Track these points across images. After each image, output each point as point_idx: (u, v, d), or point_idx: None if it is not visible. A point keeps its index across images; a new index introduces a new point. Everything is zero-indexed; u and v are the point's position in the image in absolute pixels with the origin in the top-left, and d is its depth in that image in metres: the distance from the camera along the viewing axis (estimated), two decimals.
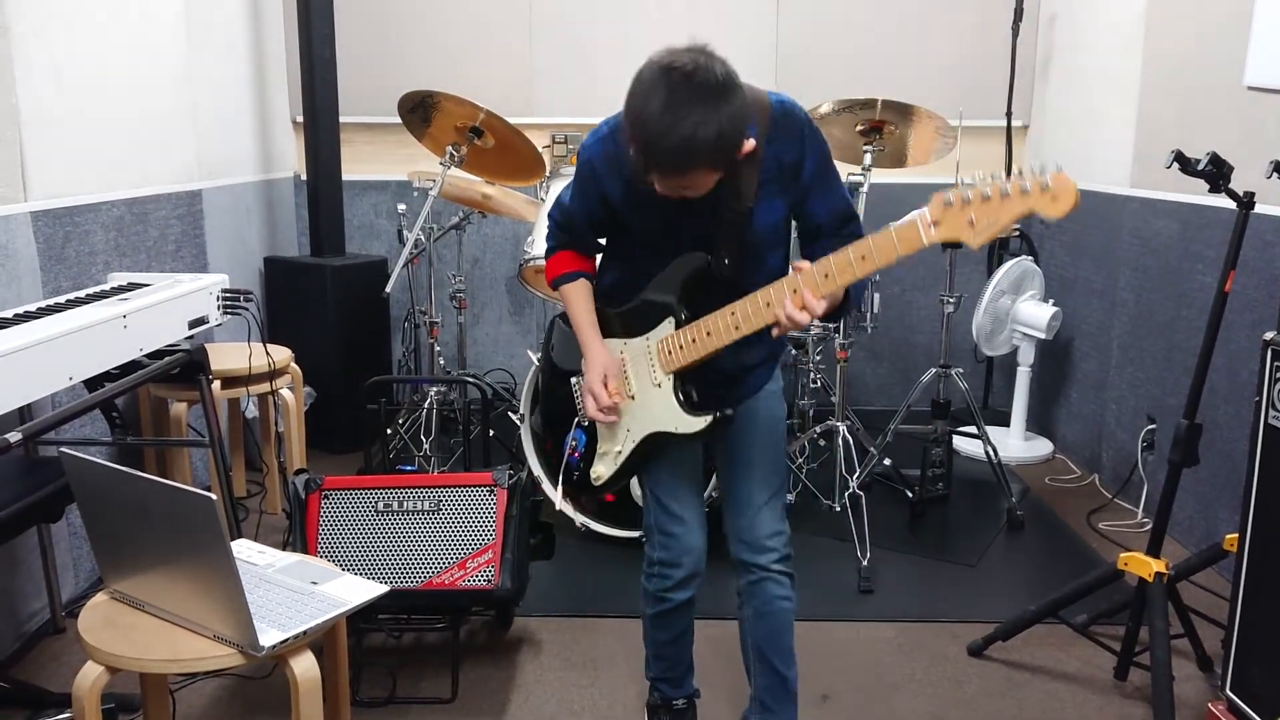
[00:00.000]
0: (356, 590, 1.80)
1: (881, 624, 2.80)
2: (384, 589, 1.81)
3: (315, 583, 1.82)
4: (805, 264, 1.70)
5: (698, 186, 1.68)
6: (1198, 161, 2.24)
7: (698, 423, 1.86)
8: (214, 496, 1.50)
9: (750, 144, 1.68)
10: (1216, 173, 2.23)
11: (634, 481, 3.07)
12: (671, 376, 1.87)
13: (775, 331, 1.75)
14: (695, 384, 1.89)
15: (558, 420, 2.10)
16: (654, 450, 1.94)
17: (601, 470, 2.00)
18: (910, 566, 3.16)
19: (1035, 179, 1.48)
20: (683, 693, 2.23)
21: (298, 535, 2.47)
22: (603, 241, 2.02)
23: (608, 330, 1.95)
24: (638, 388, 1.91)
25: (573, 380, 2.03)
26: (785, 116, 1.78)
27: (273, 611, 1.71)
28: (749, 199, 1.78)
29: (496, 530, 2.46)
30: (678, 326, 1.85)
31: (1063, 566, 3.15)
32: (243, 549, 1.96)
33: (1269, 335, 2.09)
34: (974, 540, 3.36)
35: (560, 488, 2.07)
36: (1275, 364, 2.06)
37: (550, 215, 2.02)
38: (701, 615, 2.18)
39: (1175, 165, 2.27)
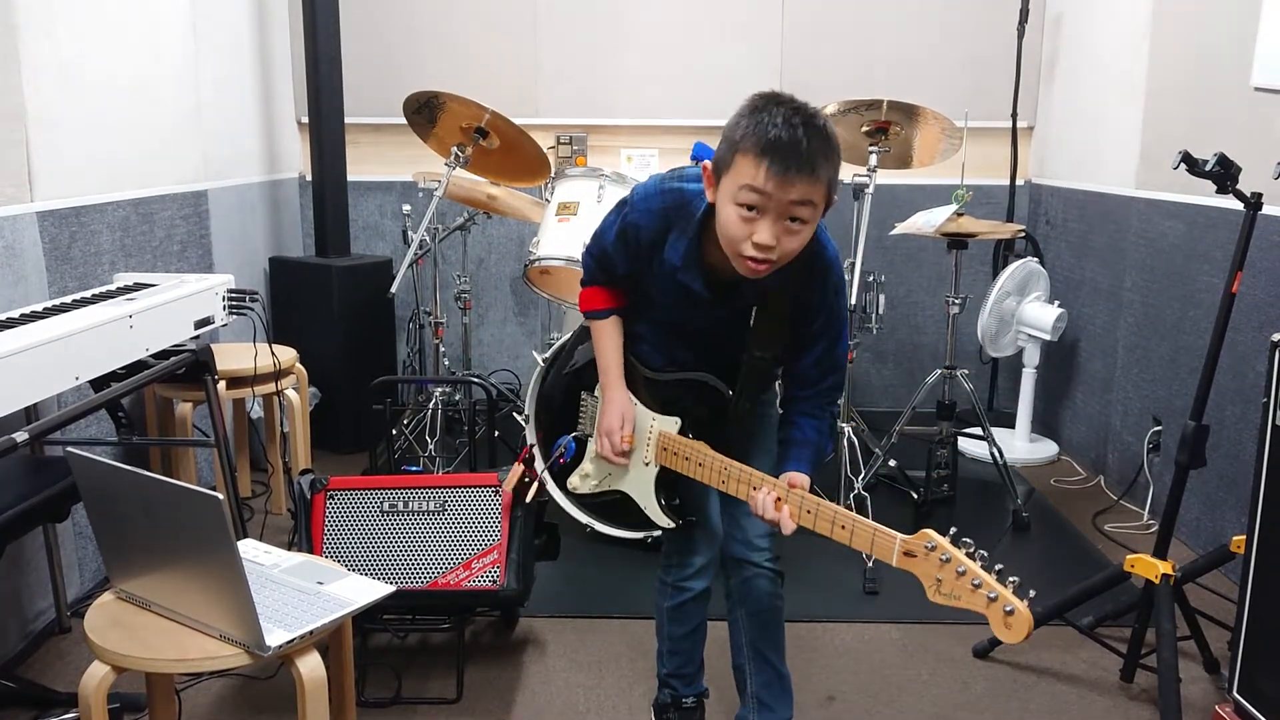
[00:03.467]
0: (362, 590, 1.80)
1: (887, 625, 2.79)
2: (390, 589, 1.81)
3: (321, 583, 1.82)
4: (801, 482, 1.72)
5: (802, 215, 1.60)
6: (1205, 162, 2.24)
7: (665, 521, 1.93)
8: (221, 496, 1.50)
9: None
10: (1224, 174, 2.23)
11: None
12: (659, 468, 1.91)
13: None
14: (676, 491, 1.94)
15: (555, 416, 2.14)
16: (625, 503, 1.98)
17: (578, 483, 2.06)
18: None
19: (1007, 597, 1.49)
20: (694, 690, 2.23)
21: (303, 535, 2.47)
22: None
23: (626, 378, 1.96)
24: (633, 449, 1.95)
25: (584, 396, 2.07)
26: (821, 272, 1.78)
27: (279, 611, 1.71)
28: (777, 347, 1.83)
29: (502, 531, 2.46)
30: (678, 432, 1.89)
31: (1068, 568, 3.14)
32: (248, 549, 1.96)
33: (1277, 336, 2.08)
34: (979, 542, 3.29)
35: (534, 488, 2.21)
36: None
37: (589, 251, 1.99)
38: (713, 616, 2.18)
39: (1183, 166, 2.27)
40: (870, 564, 3.03)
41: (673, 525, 1.93)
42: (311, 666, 1.67)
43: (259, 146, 4.26)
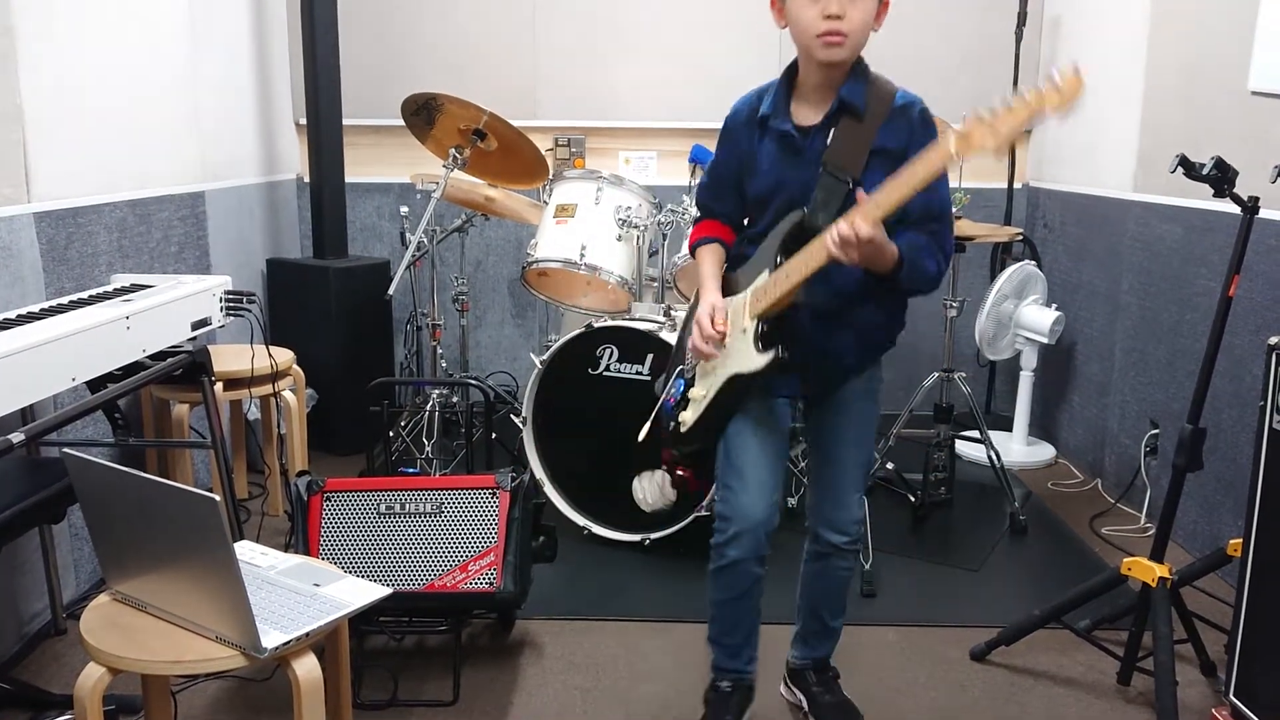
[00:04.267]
0: (359, 592, 1.80)
1: (884, 628, 2.79)
2: (386, 591, 1.81)
3: (318, 585, 1.82)
4: (861, 193, 1.80)
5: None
6: (1202, 166, 2.24)
7: (760, 359, 1.93)
8: (218, 498, 1.49)
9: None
10: (1221, 177, 2.23)
11: (637, 485, 3.10)
12: (755, 321, 1.96)
13: (838, 255, 1.78)
14: (780, 333, 1.96)
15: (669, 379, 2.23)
16: (734, 401, 2.03)
17: (688, 415, 2.10)
18: (913, 570, 3.16)
19: (1049, 81, 1.59)
20: (734, 666, 2.21)
21: (299, 537, 2.47)
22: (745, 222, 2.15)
23: (728, 289, 2.06)
24: (730, 336, 2.00)
25: (687, 340, 2.13)
26: (903, 109, 1.93)
27: (275, 613, 1.71)
28: (857, 169, 1.89)
29: (499, 533, 2.46)
30: (769, 275, 1.94)
31: (1066, 571, 3.14)
32: (245, 550, 1.96)
33: (1273, 340, 2.08)
34: (977, 544, 3.36)
35: (646, 427, 2.20)
36: (1279, 369, 2.06)
37: (701, 183, 2.21)
38: None
39: (1180, 170, 2.27)
40: (868, 566, 3.02)
41: (773, 356, 1.92)
42: (308, 668, 1.66)
43: (257, 148, 4.26)
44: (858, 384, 2.12)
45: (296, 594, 1.78)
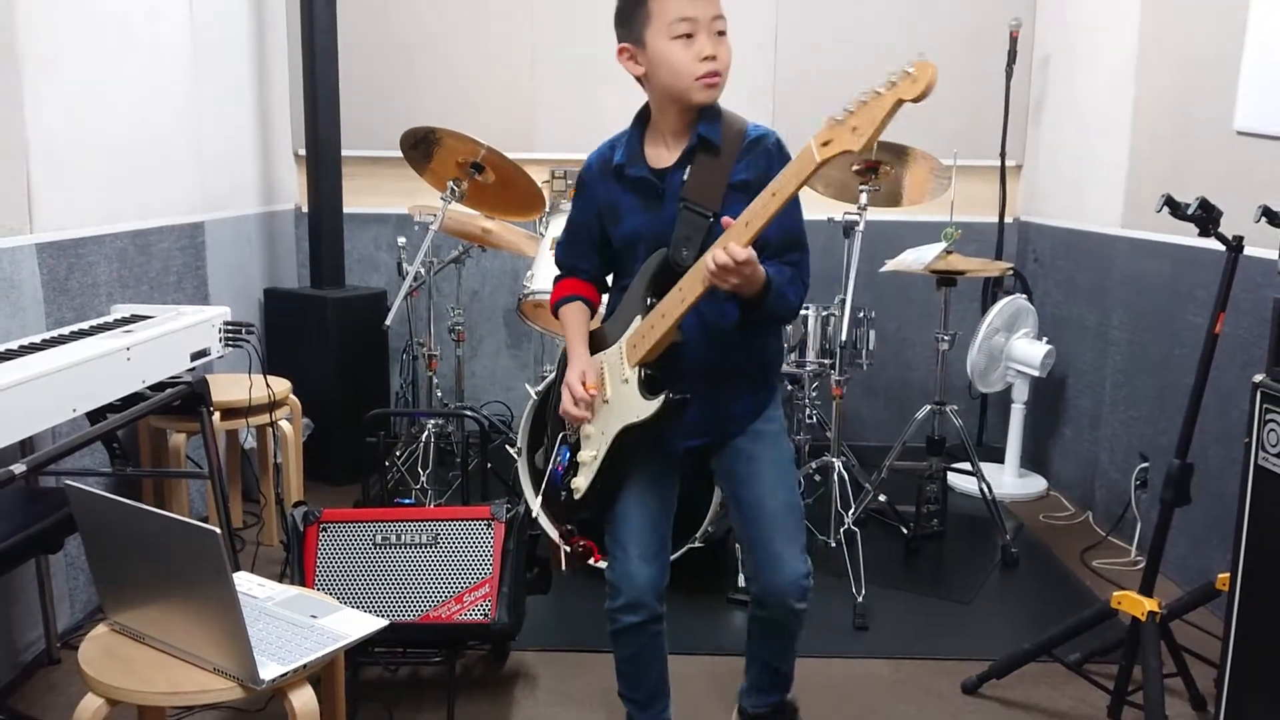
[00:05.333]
0: (356, 624, 1.81)
1: (877, 661, 2.81)
2: (383, 623, 1.83)
3: (315, 616, 1.83)
4: (728, 219, 1.78)
5: (722, 27, 1.86)
6: (1187, 206, 2.29)
7: (651, 405, 1.88)
8: (218, 531, 1.51)
9: None
10: (1206, 217, 2.27)
11: None
12: (637, 368, 1.92)
13: (716, 282, 1.76)
14: (657, 371, 1.93)
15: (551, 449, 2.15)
16: (627, 455, 1.98)
17: (579, 482, 2.03)
18: (905, 603, 3.17)
19: (899, 71, 1.59)
20: (649, 717, 2.22)
21: (295, 568, 2.48)
22: (609, 279, 2.13)
23: (596, 347, 2.03)
24: (610, 389, 1.97)
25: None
26: (758, 140, 1.93)
27: (272, 644, 1.72)
28: (716, 203, 1.88)
29: (494, 564, 2.48)
30: (642, 319, 1.92)
31: (1057, 604, 3.16)
32: (242, 581, 1.97)
33: (1258, 378, 2.12)
34: (969, 577, 3.38)
35: (539, 500, 2.15)
36: (1265, 406, 2.09)
37: (559, 241, 2.15)
38: (689, 650, 2.19)
39: (1165, 209, 2.32)
40: (860, 599, 3.04)
41: (664, 400, 1.87)
42: (304, 700, 1.68)
43: (256, 178, 4.30)
44: (759, 426, 2.05)
45: (294, 625, 1.80)
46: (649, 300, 1.90)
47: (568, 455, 2.07)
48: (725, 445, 2.05)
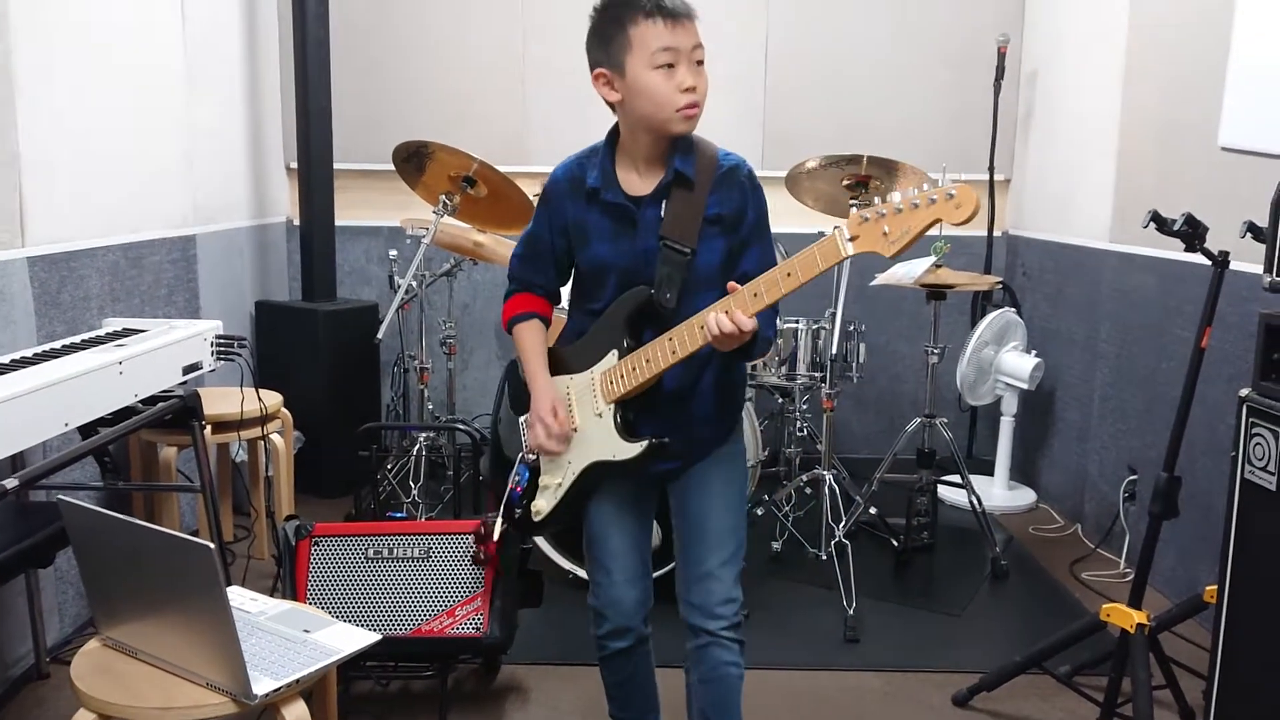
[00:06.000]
0: (348, 639, 1.81)
1: (867, 673, 2.81)
2: (375, 638, 1.83)
3: (308, 631, 1.83)
4: (735, 285, 1.77)
5: (701, 57, 1.83)
6: (1173, 221, 2.31)
7: (633, 448, 1.88)
8: (212, 546, 1.52)
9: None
10: (1192, 233, 2.30)
11: None
12: (612, 406, 1.91)
13: (716, 344, 1.76)
14: (635, 413, 1.93)
15: (507, 462, 2.12)
16: (593, 484, 1.97)
17: (542, 505, 2.01)
18: (896, 615, 3.18)
19: (940, 190, 1.58)
20: None
21: (287, 582, 2.48)
22: (564, 291, 2.08)
23: (557, 368, 2.00)
24: (580, 420, 1.96)
25: (521, 419, 2.07)
26: (730, 173, 1.90)
27: (265, 659, 1.72)
28: (693, 240, 1.86)
29: (485, 578, 2.48)
30: (620, 357, 1.90)
31: (1046, 616, 3.17)
32: (235, 596, 1.97)
33: (1244, 392, 2.14)
34: (959, 589, 3.39)
35: (499, 522, 2.11)
36: (1251, 420, 2.11)
37: (515, 253, 2.07)
38: (670, 663, 2.19)
39: (1152, 225, 2.34)
40: (851, 611, 3.05)
41: (647, 445, 1.87)
42: (297, 715, 1.68)
43: (248, 191, 4.30)
44: (723, 449, 2.02)
45: (287, 640, 1.80)
46: (627, 342, 1.89)
47: (526, 476, 2.04)
48: (687, 469, 2.02)
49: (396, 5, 4.61)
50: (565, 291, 2.11)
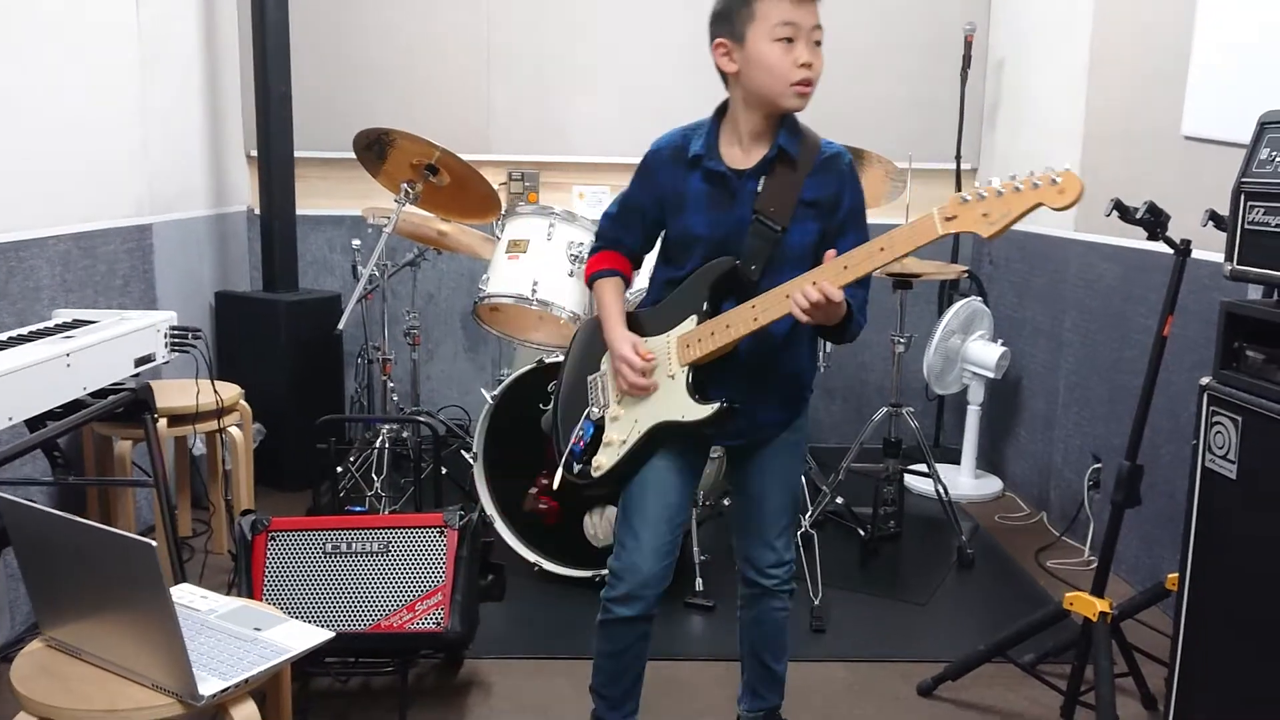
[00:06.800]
0: (300, 636, 1.77)
1: (833, 664, 2.80)
2: (329, 635, 1.79)
3: (258, 629, 1.80)
4: (830, 253, 1.81)
5: (819, 38, 1.88)
6: (1136, 210, 2.31)
7: (704, 409, 1.91)
8: (154, 544, 1.47)
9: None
10: (1154, 221, 2.29)
11: (588, 521, 3.10)
12: (687, 368, 1.94)
13: (798, 314, 1.79)
14: (707, 380, 1.95)
15: (570, 421, 2.13)
16: (655, 447, 2.00)
17: (603, 460, 2.04)
18: (862, 605, 3.18)
19: (1045, 174, 1.63)
20: (616, 718, 2.20)
21: (243, 577, 2.43)
22: (649, 259, 2.14)
23: (633, 330, 2.03)
24: (655, 380, 1.98)
25: (589, 378, 2.10)
26: (832, 160, 1.96)
27: (214, 659, 1.68)
28: (785, 218, 1.90)
29: (447, 572, 2.44)
30: (699, 322, 1.93)
31: (1011, 604, 3.18)
32: (184, 594, 1.93)
33: (1205, 380, 2.14)
34: (925, 578, 3.39)
35: (560, 473, 2.11)
36: (1211, 408, 2.12)
37: (606, 212, 2.14)
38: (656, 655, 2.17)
39: (1115, 214, 2.33)
40: (817, 601, 3.04)
41: (718, 408, 1.90)
42: (246, 715, 1.64)
43: (207, 179, 4.22)
44: (786, 436, 2.10)
45: (237, 639, 1.76)
46: (707, 305, 1.92)
47: (591, 431, 2.07)
48: (753, 451, 2.10)
49: None
50: (647, 266, 2.17)
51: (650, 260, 2.17)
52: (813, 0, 1.86)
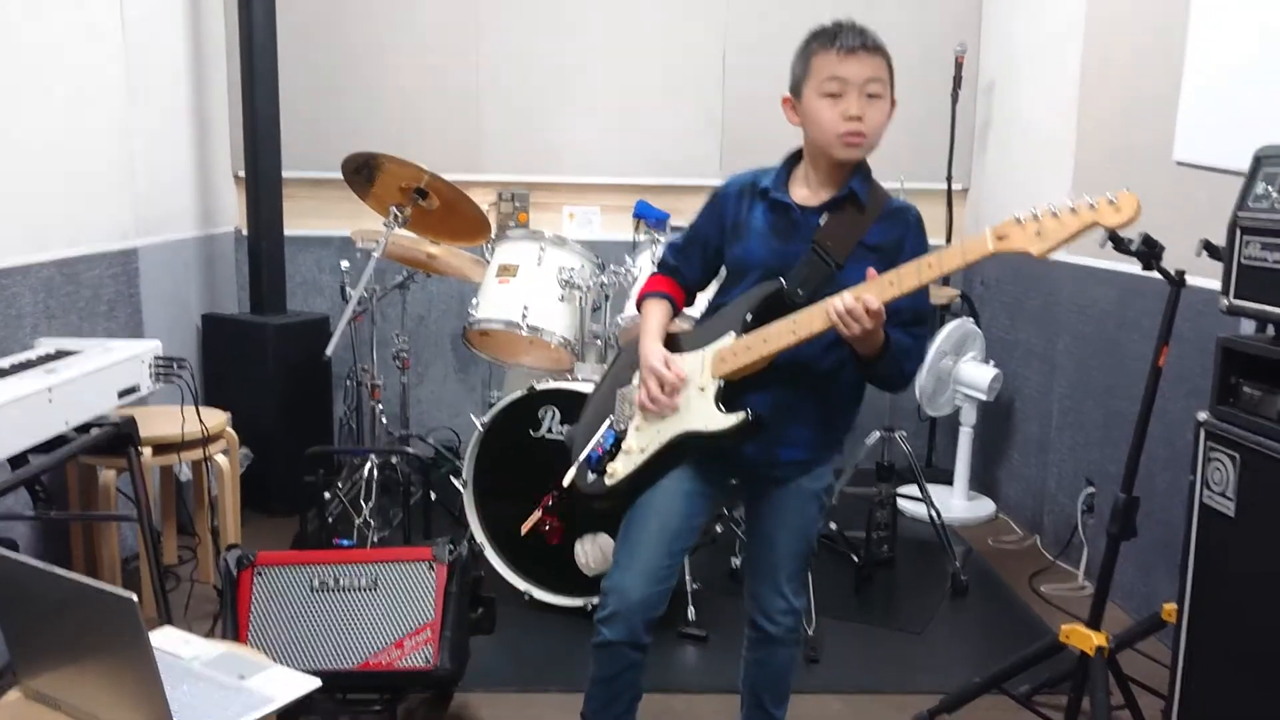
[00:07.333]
0: (285, 685, 1.73)
1: (829, 696, 2.77)
2: (315, 683, 1.75)
3: (243, 676, 1.75)
4: (873, 270, 1.81)
5: (876, 90, 1.91)
6: (1130, 241, 2.29)
7: (728, 420, 1.91)
8: (135, 599, 1.43)
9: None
10: (1149, 253, 2.28)
11: (579, 548, 3.06)
12: (718, 381, 1.93)
13: (836, 324, 1.79)
14: (738, 397, 1.93)
15: (592, 430, 2.12)
16: (674, 461, 2.00)
17: (618, 467, 2.02)
18: (856, 635, 3.15)
19: (1102, 197, 1.65)
20: None
21: (229, 614, 2.39)
22: (703, 296, 2.18)
23: (670, 348, 2.02)
24: (683, 393, 1.97)
25: (619, 390, 2.09)
26: (899, 211, 2.00)
27: (196, 709, 1.64)
28: (842, 255, 1.92)
29: (436, 607, 2.41)
30: (737, 336, 1.93)
31: (1006, 633, 3.15)
32: (168, 638, 1.88)
33: (1202, 415, 2.12)
34: (919, 606, 3.36)
35: (571, 475, 2.10)
36: (1209, 444, 2.10)
37: (671, 242, 2.21)
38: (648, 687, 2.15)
39: (1109, 244, 2.32)
40: (812, 631, 3.01)
41: (742, 419, 1.90)
42: None
43: (194, 201, 4.18)
44: (806, 484, 2.07)
45: (221, 687, 1.72)
46: (748, 318, 1.92)
47: (611, 440, 2.05)
48: (770, 490, 2.08)
49: (346, 12, 4.50)
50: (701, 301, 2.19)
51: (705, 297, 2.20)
52: (866, 53, 1.90)
